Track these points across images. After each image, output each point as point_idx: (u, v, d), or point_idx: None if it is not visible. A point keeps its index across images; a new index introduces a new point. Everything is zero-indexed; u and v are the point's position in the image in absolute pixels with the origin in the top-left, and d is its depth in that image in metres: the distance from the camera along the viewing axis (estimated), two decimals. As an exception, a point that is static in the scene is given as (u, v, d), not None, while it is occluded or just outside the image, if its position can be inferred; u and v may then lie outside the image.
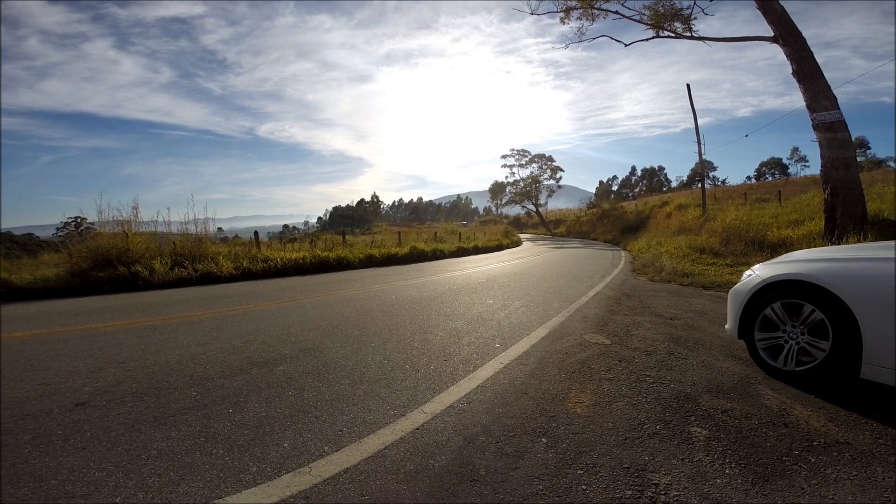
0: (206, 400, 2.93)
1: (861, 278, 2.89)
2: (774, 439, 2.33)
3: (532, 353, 3.92)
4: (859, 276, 2.92)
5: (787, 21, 11.48)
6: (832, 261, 3.20)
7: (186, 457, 2.21)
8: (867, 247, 3.70)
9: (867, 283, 2.84)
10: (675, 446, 2.26)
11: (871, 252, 3.21)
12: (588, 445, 2.28)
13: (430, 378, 3.29)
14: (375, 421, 2.58)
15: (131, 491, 1.92)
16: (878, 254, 3.08)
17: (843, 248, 3.82)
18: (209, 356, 3.89)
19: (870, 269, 2.92)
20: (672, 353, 3.82)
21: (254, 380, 3.29)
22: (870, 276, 2.86)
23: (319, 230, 72.45)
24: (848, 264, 3.08)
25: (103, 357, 3.93)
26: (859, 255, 3.20)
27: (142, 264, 9.86)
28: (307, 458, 2.18)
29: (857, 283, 2.88)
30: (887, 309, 2.68)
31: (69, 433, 2.47)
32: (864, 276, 2.90)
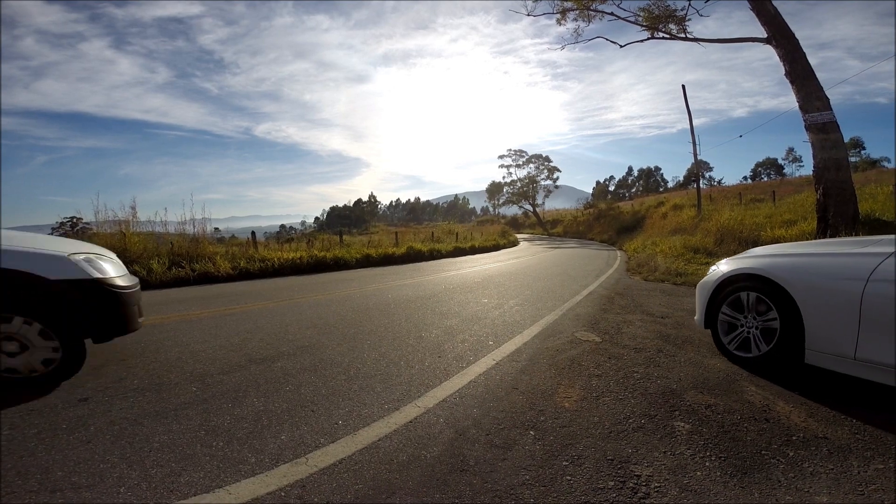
0: (205, 395, 3.00)
1: (803, 271, 3.18)
2: (755, 434, 2.42)
3: (524, 350, 4.01)
4: (801, 269, 3.21)
5: (780, 22, 11.56)
6: (782, 256, 3.52)
7: (187, 449, 2.28)
8: (819, 243, 3.96)
9: (808, 276, 3.13)
10: (658, 440, 2.35)
11: (818, 248, 3.52)
12: (574, 438, 2.37)
13: (424, 374, 3.38)
14: (370, 414, 2.67)
15: (134, 481, 1.99)
16: (822, 249, 3.41)
17: (797, 245, 4.10)
18: (208, 353, 3.96)
19: (811, 263, 3.22)
20: (661, 351, 3.91)
21: (252, 376, 3.37)
22: (810, 269, 3.15)
23: (316, 230, 72.36)
24: (794, 259, 3.38)
25: (104, 355, 3.98)
26: (806, 251, 3.49)
27: (139, 264, 9.90)
28: (304, 449, 2.27)
29: (800, 276, 3.17)
30: (825, 299, 2.98)
31: (74, 427, 2.54)
32: (805, 269, 3.19)
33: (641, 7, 15.33)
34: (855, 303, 2.78)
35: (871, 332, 2.73)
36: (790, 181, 40.24)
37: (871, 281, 2.74)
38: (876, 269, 2.75)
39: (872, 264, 2.79)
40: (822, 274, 3.06)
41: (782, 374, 3.32)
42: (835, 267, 3.02)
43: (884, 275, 2.70)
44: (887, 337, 2.65)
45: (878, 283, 2.71)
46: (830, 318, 2.95)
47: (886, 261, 2.74)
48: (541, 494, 1.88)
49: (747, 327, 3.58)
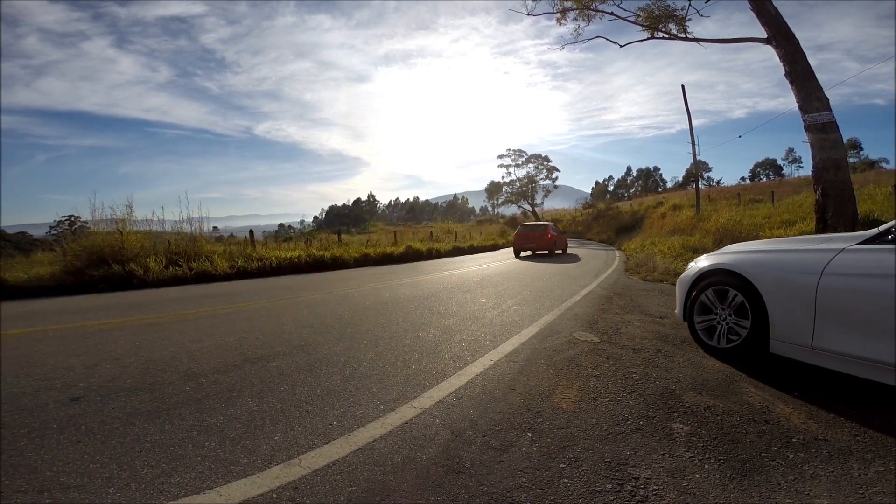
0: (199, 395, 2.97)
1: (767, 266, 3.41)
2: (754, 436, 2.38)
3: (522, 350, 3.97)
4: (766, 264, 3.44)
5: (780, 23, 11.53)
6: (752, 252, 3.73)
7: (179, 449, 2.25)
8: (785, 240, 4.14)
9: (771, 271, 3.35)
10: (656, 442, 2.32)
11: (783, 245, 3.68)
12: (572, 440, 2.33)
13: (421, 374, 3.34)
14: (365, 415, 2.63)
15: (124, 482, 1.96)
16: (786, 246, 3.58)
17: (766, 241, 4.23)
18: (203, 352, 3.93)
19: (775, 259, 3.43)
20: (659, 351, 3.88)
21: (247, 375, 3.33)
22: (774, 264, 3.38)
23: (315, 229, 72.33)
24: (760, 255, 3.59)
25: (98, 354, 3.96)
26: (772, 248, 3.67)
27: (137, 263, 9.88)
28: (297, 450, 2.23)
29: (764, 271, 3.39)
30: (786, 292, 3.20)
31: (64, 427, 2.51)
32: (769, 264, 3.42)
33: (641, 7, 15.31)
34: (811, 295, 2.99)
35: (825, 322, 2.94)
36: (789, 182, 40.29)
37: (825, 275, 2.95)
38: (829, 264, 2.96)
39: (826, 259, 3.00)
40: (783, 268, 3.29)
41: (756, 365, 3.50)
42: (794, 262, 3.24)
43: (835, 269, 2.91)
44: (839, 327, 2.87)
45: (830, 276, 2.92)
46: (790, 310, 3.16)
47: (838, 256, 2.95)
48: (537, 498, 1.84)
49: (722, 320, 3.77)
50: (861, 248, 2.91)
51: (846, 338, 2.83)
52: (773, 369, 3.37)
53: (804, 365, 3.07)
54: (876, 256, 2.79)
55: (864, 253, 2.87)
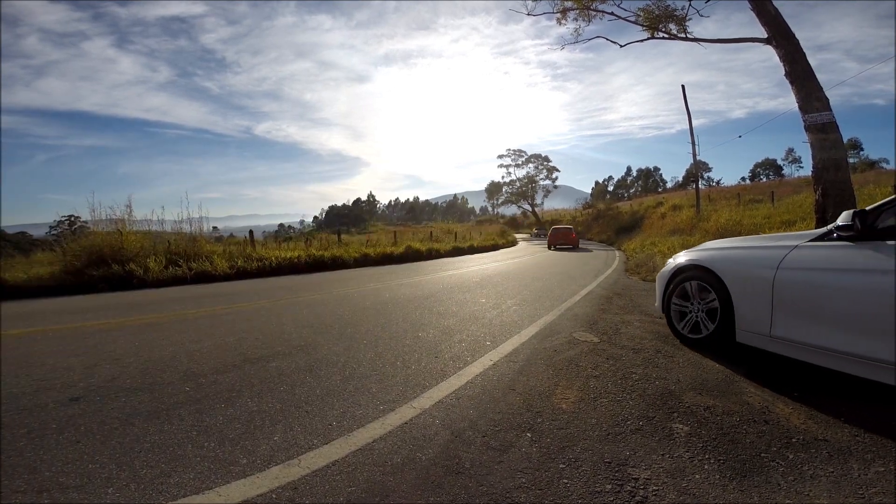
0: (199, 395, 2.96)
1: (733, 261, 3.71)
2: (754, 436, 2.38)
3: (521, 350, 3.97)
4: (732, 260, 3.73)
5: (780, 23, 11.52)
6: (722, 249, 4.02)
7: (178, 449, 2.25)
8: (750, 238, 4.32)
9: (736, 266, 3.65)
10: (656, 442, 2.31)
11: (748, 242, 3.95)
12: (571, 440, 2.33)
13: (421, 374, 3.34)
14: (365, 415, 2.62)
15: (123, 482, 1.96)
16: (750, 243, 3.86)
17: (736, 239, 4.47)
18: (203, 353, 3.93)
19: (740, 255, 3.72)
20: (659, 351, 3.88)
21: (246, 375, 3.33)
22: (739, 260, 3.67)
23: (315, 229, 72.33)
24: (729, 251, 3.88)
25: (98, 354, 3.96)
26: (739, 245, 3.94)
27: (136, 263, 9.88)
28: (297, 450, 2.22)
29: (730, 266, 3.69)
30: (747, 285, 3.48)
31: (63, 427, 2.51)
32: (735, 259, 3.71)
33: (641, 7, 15.29)
34: (769, 288, 3.25)
35: (780, 312, 3.19)
36: (789, 182, 40.27)
37: (780, 269, 3.21)
38: (783, 260, 3.22)
39: (782, 255, 3.25)
40: (746, 264, 3.57)
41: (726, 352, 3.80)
42: (755, 258, 3.51)
43: (789, 264, 3.17)
44: (792, 316, 3.12)
45: (784, 270, 3.18)
46: (752, 302, 3.43)
47: (792, 252, 3.21)
48: (537, 498, 1.84)
49: (694, 312, 4.07)
50: (811, 244, 3.16)
51: (798, 327, 3.08)
52: (773, 369, 3.37)
53: (805, 364, 3.06)
54: (822, 252, 3.05)
55: (812, 249, 3.13)
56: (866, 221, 2.81)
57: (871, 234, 2.81)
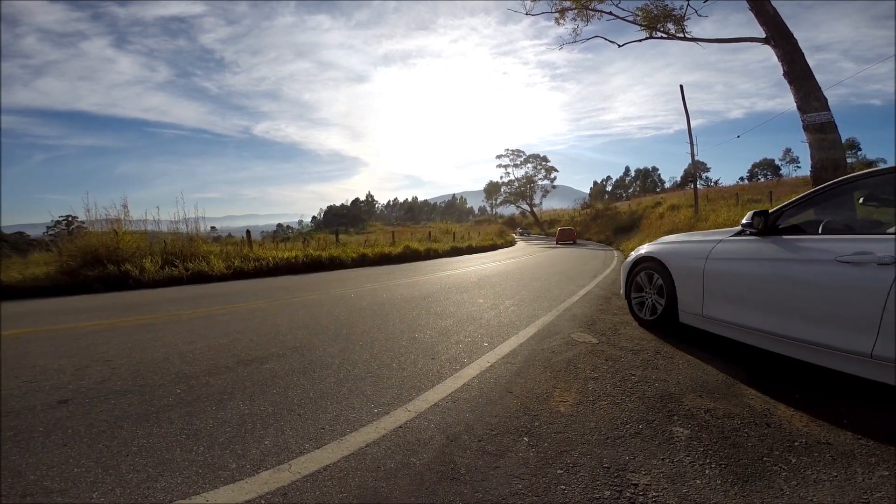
0: (190, 397, 2.91)
1: (676, 253, 4.29)
2: (756, 439, 2.33)
3: (519, 351, 3.92)
4: (676, 252, 4.31)
5: (779, 22, 11.50)
6: (671, 242, 4.60)
7: (167, 453, 2.20)
8: (693, 233, 4.88)
9: (678, 257, 4.24)
10: (656, 446, 2.26)
11: (690, 237, 4.49)
12: (569, 445, 2.28)
13: (417, 376, 3.29)
14: (359, 419, 2.57)
15: (109, 486, 1.91)
16: (691, 238, 4.42)
17: (685, 234, 5.00)
18: (196, 354, 3.87)
19: (682, 248, 4.29)
20: (658, 352, 3.83)
21: (239, 378, 3.27)
22: (681, 252, 4.25)
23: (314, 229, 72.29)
24: (675, 245, 4.45)
25: (90, 355, 3.91)
26: (683, 239, 4.50)
27: (132, 263, 9.81)
28: (287, 455, 2.17)
29: (674, 257, 4.28)
30: (686, 273, 4.07)
31: (50, 430, 2.46)
32: (678, 252, 4.30)
33: (640, 7, 15.27)
34: (700, 275, 3.84)
35: (708, 295, 3.77)
36: (787, 182, 40.32)
37: (708, 259, 3.79)
38: (711, 251, 3.81)
39: (710, 248, 3.84)
40: (685, 255, 4.15)
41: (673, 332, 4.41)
42: (692, 250, 4.09)
43: (714, 255, 3.76)
44: (717, 298, 3.69)
45: (711, 260, 3.77)
46: (689, 287, 4.03)
47: (717, 245, 3.80)
48: (534, 504, 1.79)
49: (649, 297, 4.68)
50: (730, 239, 3.73)
51: (720, 307, 3.65)
52: (773, 370, 3.32)
53: (806, 365, 3.01)
54: (736, 245, 3.63)
55: (730, 243, 3.70)
56: (767, 220, 3.38)
57: (773, 231, 3.37)
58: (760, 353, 3.45)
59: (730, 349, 3.79)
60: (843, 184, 3.17)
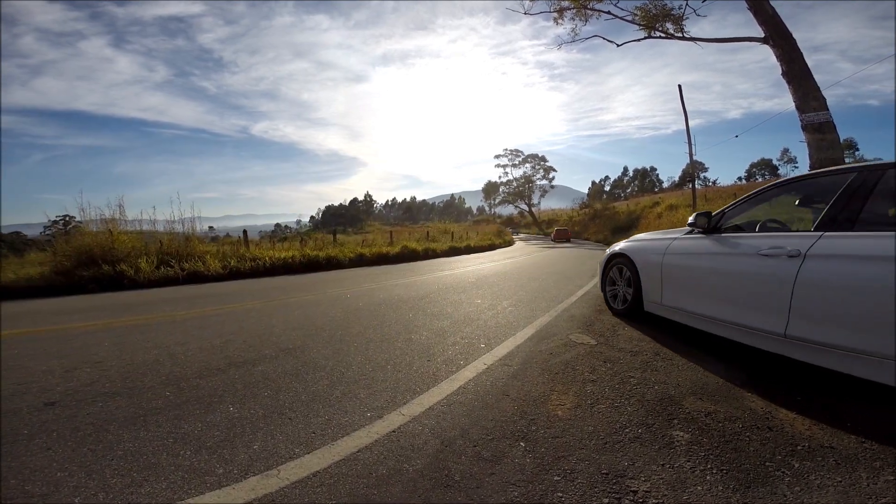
0: (179, 400, 2.85)
1: (641, 249, 4.81)
2: (758, 443, 2.28)
3: (517, 353, 3.85)
4: (641, 248, 4.84)
5: (777, 22, 11.50)
6: (639, 240, 5.11)
7: (152, 458, 2.14)
8: (656, 232, 5.48)
9: (642, 252, 4.75)
10: (655, 451, 2.20)
11: (654, 235, 5.02)
12: (567, 450, 2.22)
13: (412, 379, 3.22)
14: (351, 423, 2.51)
15: (92, 491, 1.86)
16: (653, 236, 4.95)
17: (651, 233, 5.50)
18: (187, 356, 3.81)
19: (645, 245, 4.82)
20: (658, 354, 3.77)
21: (230, 380, 3.21)
22: (644, 248, 4.78)
23: (312, 229, 72.18)
24: (641, 242, 4.97)
25: (80, 356, 3.85)
26: (647, 237, 5.03)
27: (127, 263, 9.74)
28: (276, 460, 2.11)
29: (639, 253, 4.80)
30: (648, 267, 4.58)
31: (35, 433, 2.41)
32: (642, 248, 4.82)
33: (638, 6, 15.26)
34: (659, 268, 4.37)
35: (666, 286, 4.28)
36: (785, 182, 40.24)
37: (665, 255, 4.31)
38: (667, 248, 4.32)
39: (667, 245, 4.36)
40: (647, 251, 4.66)
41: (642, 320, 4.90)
42: (652, 247, 4.61)
43: (670, 251, 4.27)
44: (673, 288, 4.19)
45: (667, 255, 4.29)
46: (650, 279, 4.54)
47: (672, 242, 4.31)
48: (530, 512, 1.73)
49: (621, 289, 5.27)
50: (683, 237, 4.23)
51: (675, 296, 4.15)
52: (774, 372, 3.26)
53: (807, 366, 2.95)
54: (686, 242, 4.12)
55: (682, 240, 4.20)
56: (710, 220, 3.90)
57: (716, 230, 3.88)
58: (761, 354, 3.40)
59: (730, 350, 3.73)
60: (773, 188, 3.70)
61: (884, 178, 2.77)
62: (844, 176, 3.02)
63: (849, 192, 2.87)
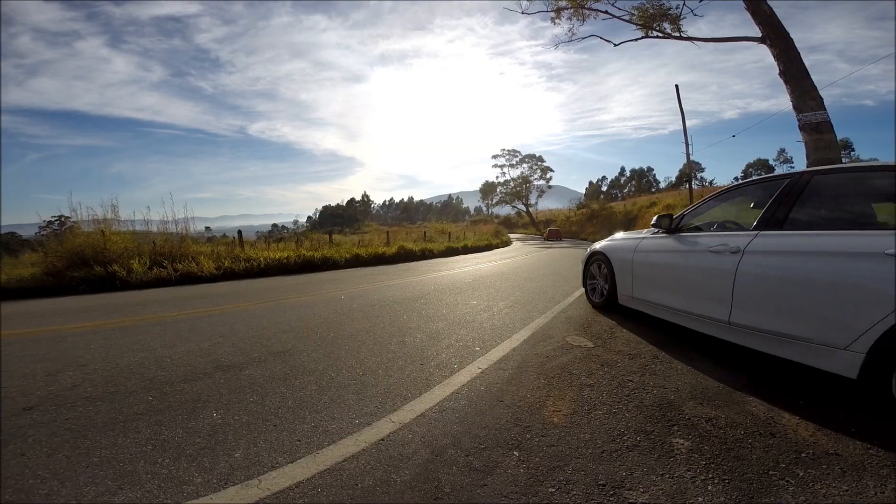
0: (161, 405, 2.76)
1: (615, 248, 5.28)
2: (761, 451, 2.19)
3: (512, 356, 3.76)
4: (615, 247, 5.30)
5: (775, 22, 11.46)
6: (615, 239, 5.57)
7: (129, 465, 2.06)
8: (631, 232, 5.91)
9: (616, 251, 5.22)
10: (654, 460, 2.11)
11: (627, 235, 5.49)
12: (563, 459, 2.12)
13: (403, 384, 3.12)
14: (338, 430, 2.41)
15: (63, 499, 1.79)
16: (627, 236, 5.47)
17: (626, 232, 6.00)
18: (174, 359, 3.72)
19: (619, 244, 5.27)
20: (656, 357, 3.68)
21: (216, 384, 3.12)
22: (618, 247, 5.24)
23: (309, 229, 72.07)
24: (616, 242, 5.43)
25: (65, 359, 3.77)
26: (623, 237, 5.52)
27: (119, 264, 9.62)
28: (258, 469, 2.02)
29: (614, 251, 5.27)
30: (621, 263, 5.04)
31: (10, 438, 2.33)
32: (616, 247, 5.29)
33: (636, 6, 15.21)
34: (630, 264, 4.81)
35: (636, 280, 4.70)
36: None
37: (635, 252, 4.73)
38: (637, 246, 4.76)
39: (637, 243, 4.78)
40: (620, 249, 5.12)
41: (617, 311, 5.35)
42: (626, 245, 5.04)
43: (639, 248, 4.70)
44: (642, 282, 4.61)
45: (636, 253, 4.71)
46: (623, 274, 4.98)
47: (641, 241, 4.74)
48: (523, 527, 1.64)
49: (599, 284, 5.73)
50: (650, 236, 4.66)
51: (644, 289, 4.57)
52: (775, 375, 3.17)
53: (809, 370, 2.86)
54: (652, 241, 4.54)
55: (649, 239, 4.62)
56: (671, 222, 4.36)
57: (677, 230, 4.30)
58: (761, 356, 3.30)
59: (730, 353, 3.64)
60: (722, 193, 4.20)
61: (810, 184, 3.16)
62: (780, 182, 3.42)
63: (781, 197, 3.27)
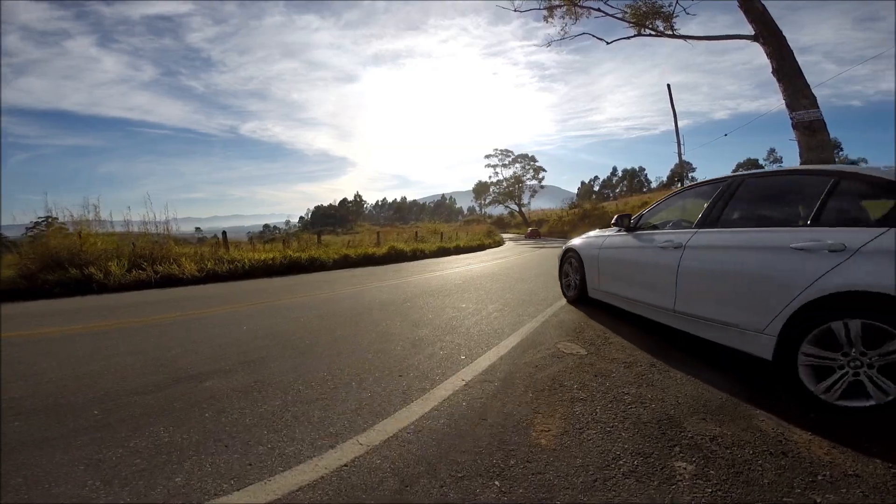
0: (107, 420, 2.51)
1: (585, 246, 5.66)
2: (773, 474, 1.93)
3: (499, 366, 3.48)
4: (586, 244, 5.65)
5: (767, 20, 11.35)
6: (585, 238, 5.89)
7: (55, 487, 1.82)
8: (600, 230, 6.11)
9: (585, 248, 5.61)
10: (654, 488, 1.84)
11: (597, 233, 5.75)
12: (550, 490, 1.84)
13: (377, 399, 2.84)
14: (296, 453, 2.14)
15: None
16: (595, 234, 5.78)
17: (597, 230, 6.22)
18: (134, 368, 3.44)
19: (589, 241, 5.62)
20: (653, 365, 3.42)
21: (170, 398, 2.84)
22: (587, 244, 5.61)
23: (300, 230, 71.58)
24: (585, 240, 5.78)
25: (17, 369, 3.51)
26: (593, 234, 5.82)
27: (97, 266, 9.29)
28: (198, 497, 1.76)
29: (585, 248, 5.63)
30: (589, 259, 5.42)
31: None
32: (585, 244, 5.67)
33: (629, 4, 15.06)
34: (597, 260, 5.19)
35: (602, 274, 5.11)
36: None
37: (601, 249, 5.13)
38: (603, 243, 5.13)
39: (603, 240, 5.16)
40: (589, 246, 5.51)
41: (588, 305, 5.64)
42: (593, 243, 5.41)
43: (604, 245, 5.08)
44: (607, 276, 5.01)
45: (602, 249, 5.10)
46: (591, 270, 5.35)
47: (606, 238, 5.11)
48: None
49: (572, 278, 6.04)
50: (612, 234, 5.01)
51: (609, 282, 4.95)
52: (780, 384, 2.91)
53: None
54: (614, 238, 4.92)
55: (612, 237, 4.98)
56: (629, 221, 4.74)
57: (635, 228, 4.68)
58: (762, 363, 3.03)
59: (730, 358, 3.38)
60: (682, 192, 4.64)
61: (742, 186, 3.52)
62: (718, 184, 3.78)
63: (717, 197, 3.63)
